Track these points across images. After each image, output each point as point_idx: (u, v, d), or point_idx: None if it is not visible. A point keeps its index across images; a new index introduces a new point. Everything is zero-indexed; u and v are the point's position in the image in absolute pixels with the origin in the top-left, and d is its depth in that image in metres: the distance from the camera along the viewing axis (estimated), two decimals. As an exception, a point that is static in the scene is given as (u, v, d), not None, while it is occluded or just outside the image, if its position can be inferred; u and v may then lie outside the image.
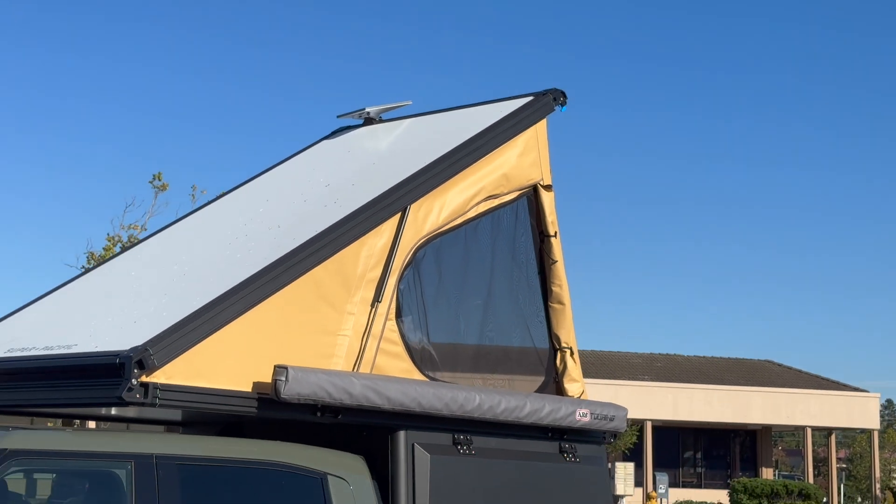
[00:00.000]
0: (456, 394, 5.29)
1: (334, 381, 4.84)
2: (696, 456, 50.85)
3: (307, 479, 4.96)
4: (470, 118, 6.26)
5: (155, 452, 4.56)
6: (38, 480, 4.89)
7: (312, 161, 6.83)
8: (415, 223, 5.50)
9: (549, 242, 6.15)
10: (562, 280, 6.16)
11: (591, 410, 5.92)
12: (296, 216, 5.67)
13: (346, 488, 5.02)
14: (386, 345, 5.30)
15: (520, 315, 6.17)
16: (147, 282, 5.57)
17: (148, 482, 4.45)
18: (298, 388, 4.71)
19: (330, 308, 5.12)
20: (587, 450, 5.98)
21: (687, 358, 51.44)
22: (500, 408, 5.45)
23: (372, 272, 5.29)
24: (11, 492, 4.58)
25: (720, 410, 46.48)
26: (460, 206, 5.72)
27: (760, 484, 38.71)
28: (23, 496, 4.78)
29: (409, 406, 5.09)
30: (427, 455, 5.20)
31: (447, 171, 5.67)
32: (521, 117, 6.07)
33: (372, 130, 6.98)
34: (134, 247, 6.61)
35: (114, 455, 4.53)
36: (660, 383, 46.37)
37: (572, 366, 6.17)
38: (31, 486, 4.87)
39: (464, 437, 5.39)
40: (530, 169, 6.07)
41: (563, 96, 6.31)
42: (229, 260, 5.38)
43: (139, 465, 4.48)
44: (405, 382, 5.16)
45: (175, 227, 6.46)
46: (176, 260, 5.78)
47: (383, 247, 5.36)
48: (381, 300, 5.29)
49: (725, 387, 46.95)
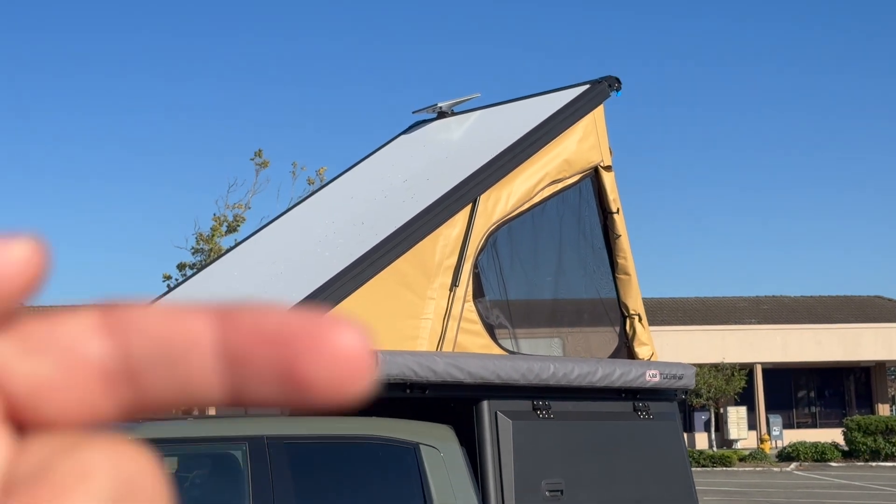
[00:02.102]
0: (532, 364, 5.83)
1: (419, 360, 5.43)
2: (809, 396, 50.56)
3: (402, 450, 5.56)
4: (532, 108, 6.76)
5: (266, 434, 5.22)
6: (167, 465, 5.61)
7: (391, 157, 7.42)
8: (485, 212, 6.04)
9: (612, 219, 6.65)
10: (626, 253, 6.66)
11: (661, 371, 6.41)
12: (377, 212, 6.27)
13: (438, 456, 5.60)
14: (465, 324, 5.87)
15: (590, 287, 6.70)
16: (249, 282, 6.23)
17: (261, 461, 5.11)
18: (388, 369, 5.31)
19: (412, 295, 5.71)
20: (659, 407, 6.47)
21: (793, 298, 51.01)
22: (574, 374, 5.97)
23: (448, 260, 5.87)
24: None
25: (830, 349, 46.11)
26: (526, 193, 6.24)
27: (875, 421, 38.44)
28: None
29: (490, 378, 5.64)
30: (509, 421, 5.75)
31: (512, 162, 6.20)
32: (578, 105, 6.56)
33: (445, 124, 7.53)
34: (233, 249, 7.29)
35: (230, 438, 5.21)
36: (767, 325, 46.17)
37: (641, 331, 6.66)
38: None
39: (542, 403, 5.92)
40: (590, 152, 6.56)
41: (618, 82, 6.77)
42: (320, 257, 6.00)
43: (253, 447, 5.14)
44: (484, 357, 5.72)
45: (269, 228, 7.12)
46: (273, 260, 6.43)
47: (457, 236, 5.92)
48: (458, 284, 5.86)
49: (835, 325, 46.50)
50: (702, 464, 35.64)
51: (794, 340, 45.93)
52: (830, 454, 38.17)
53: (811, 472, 33.95)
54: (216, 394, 0.33)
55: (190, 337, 0.33)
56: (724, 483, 28.98)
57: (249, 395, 0.33)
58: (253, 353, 0.33)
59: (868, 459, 37.43)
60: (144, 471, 0.32)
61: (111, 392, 0.33)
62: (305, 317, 0.33)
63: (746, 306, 49.17)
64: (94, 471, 0.31)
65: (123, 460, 0.32)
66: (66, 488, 0.31)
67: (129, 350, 0.33)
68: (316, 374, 0.33)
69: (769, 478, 31.68)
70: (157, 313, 0.34)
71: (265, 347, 0.33)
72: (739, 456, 38.08)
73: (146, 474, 0.32)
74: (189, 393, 0.33)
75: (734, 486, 28.21)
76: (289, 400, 0.33)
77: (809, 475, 32.30)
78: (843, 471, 33.73)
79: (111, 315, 0.34)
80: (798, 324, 46.55)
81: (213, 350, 0.33)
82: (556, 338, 6.64)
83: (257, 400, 0.33)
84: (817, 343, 45.94)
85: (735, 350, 43.94)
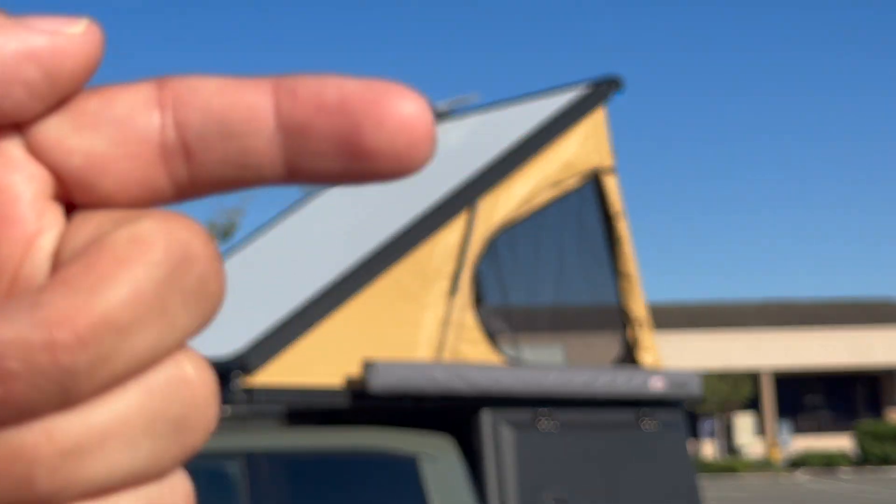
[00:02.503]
0: (533, 373, 5.70)
1: (418, 370, 5.30)
2: (817, 402, 50.36)
3: (401, 462, 5.43)
4: (532, 110, 6.63)
5: (262, 448, 5.08)
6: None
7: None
8: (484, 217, 5.91)
9: (614, 223, 6.51)
10: (629, 257, 6.52)
11: (665, 378, 6.27)
12: (374, 218, 6.14)
13: (438, 467, 5.47)
14: (465, 332, 5.74)
15: (591, 293, 6.56)
16: (243, 290, 6.09)
17: (257, 476, 4.97)
18: (386, 379, 5.18)
19: (411, 303, 5.57)
20: (664, 415, 6.33)
21: (801, 302, 50.85)
22: (576, 383, 5.84)
23: (447, 266, 5.73)
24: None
25: (839, 354, 45.89)
26: (526, 196, 6.11)
27: (885, 427, 38.27)
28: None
29: (490, 388, 5.51)
30: (511, 431, 5.62)
31: (511, 166, 6.06)
32: (579, 107, 6.43)
33: (442, 127, 7.40)
34: (227, 256, 7.16)
35: (226, 453, 5.07)
36: (774, 330, 45.98)
37: (644, 337, 6.52)
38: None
39: (544, 413, 5.79)
40: (591, 155, 6.43)
41: (620, 83, 6.64)
42: (316, 265, 5.87)
43: (249, 462, 5.00)
44: (485, 366, 5.59)
45: (265, 235, 6.99)
46: (269, 267, 6.30)
47: (456, 242, 5.79)
48: (457, 291, 5.72)
49: (843, 329, 46.29)
50: (708, 471, 35.45)
51: (802, 345, 45.72)
52: (839, 461, 37.97)
53: (820, 479, 33.73)
54: (276, 168, 0.33)
55: (248, 109, 0.33)
56: (731, 491, 28.79)
57: (309, 169, 0.33)
58: (313, 123, 0.32)
59: (878, 465, 37.22)
60: (200, 242, 0.32)
61: (167, 167, 0.33)
62: (366, 85, 0.32)
63: (753, 310, 48.98)
64: (151, 238, 0.31)
65: (179, 231, 0.32)
66: (122, 258, 0.31)
67: (186, 123, 0.33)
68: (378, 142, 0.32)
69: (777, 485, 31.49)
70: (214, 85, 0.33)
71: (325, 117, 0.32)
72: (747, 463, 37.90)
73: (201, 245, 0.32)
74: (247, 168, 0.33)
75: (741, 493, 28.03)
76: (350, 172, 0.33)
77: (818, 482, 32.08)
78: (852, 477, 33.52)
79: (167, 87, 0.33)
80: (806, 328, 46.33)
81: (272, 122, 0.33)
82: (557, 344, 6.49)
83: (317, 173, 0.33)
84: (825, 347, 45.72)
85: (741, 355, 43.72)
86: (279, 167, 0.33)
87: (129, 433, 0.32)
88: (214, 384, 0.33)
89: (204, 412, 0.33)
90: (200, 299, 0.32)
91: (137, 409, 0.32)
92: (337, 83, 0.33)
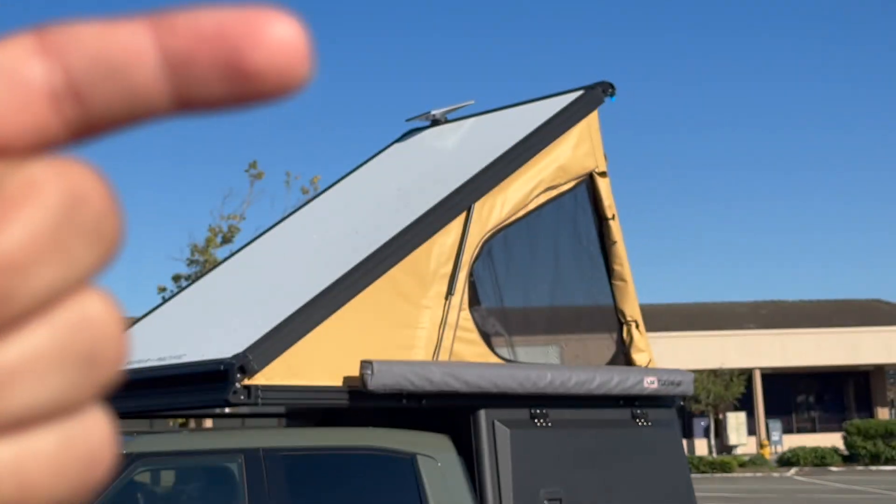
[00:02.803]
0: (529, 373, 5.79)
1: (416, 370, 5.38)
2: (808, 401, 50.51)
3: (399, 460, 5.51)
4: (526, 115, 6.73)
5: (262, 446, 5.17)
6: (162, 477, 5.55)
7: (385, 165, 7.38)
8: (480, 220, 6.00)
9: (607, 225, 6.61)
10: (622, 259, 6.62)
11: (659, 377, 6.37)
12: (372, 221, 6.22)
13: (435, 465, 5.56)
14: (461, 333, 5.83)
15: (586, 295, 6.67)
16: (243, 292, 6.18)
17: (257, 473, 5.06)
18: (384, 379, 5.26)
19: (408, 304, 5.66)
20: (658, 414, 6.43)
21: (792, 303, 51.03)
22: (571, 382, 5.93)
23: (443, 268, 5.82)
24: (140, 488, 5.24)
25: (830, 353, 46.05)
26: (521, 200, 6.20)
27: (874, 425, 38.44)
28: (149, 492, 5.44)
29: (486, 387, 5.60)
30: (507, 430, 5.71)
31: (506, 169, 6.16)
32: (572, 111, 6.52)
33: (438, 131, 7.49)
34: (227, 260, 7.25)
35: (226, 451, 5.15)
36: (766, 330, 46.13)
37: (638, 337, 6.62)
38: (155, 482, 5.53)
39: (540, 411, 5.88)
40: (585, 159, 6.53)
41: (612, 87, 6.73)
42: (315, 267, 5.95)
43: (249, 459, 5.08)
44: (481, 366, 5.68)
45: (264, 238, 7.07)
46: (268, 270, 6.38)
47: (452, 244, 5.88)
48: (453, 293, 5.81)
49: (834, 329, 46.45)
50: (701, 470, 35.58)
51: (793, 345, 45.87)
52: (830, 459, 38.11)
53: (811, 477, 33.88)
54: (163, 101, 0.34)
55: (130, 48, 0.34)
56: (723, 489, 28.92)
57: (198, 96, 0.34)
58: (194, 53, 0.34)
59: (868, 463, 37.39)
60: (94, 183, 0.33)
61: (57, 112, 0.33)
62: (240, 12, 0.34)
63: (745, 311, 49.14)
64: (43, 183, 0.32)
65: (72, 173, 0.33)
66: (14, 202, 0.32)
67: (70, 67, 0.33)
68: (258, 63, 0.33)
69: (769, 483, 31.61)
70: (93, 29, 0.34)
71: (206, 46, 0.34)
72: (739, 462, 38.03)
73: (95, 186, 0.33)
74: (136, 105, 0.34)
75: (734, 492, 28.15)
76: (236, 95, 0.34)
77: (810, 480, 32.22)
78: (843, 475, 33.66)
79: (47, 36, 0.34)
80: (797, 328, 46.49)
81: (154, 57, 0.34)
82: (552, 345, 6.60)
83: (205, 100, 0.34)
84: (817, 347, 45.88)
85: (734, 355, 43.87)
86: (168, 99, 0.34)
87: (38, 369, 0.33)
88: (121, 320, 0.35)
89: (112, 347, 0.34)
90: (97, 238, 0.33)
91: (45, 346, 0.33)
92: (213, 13, 0.34)
